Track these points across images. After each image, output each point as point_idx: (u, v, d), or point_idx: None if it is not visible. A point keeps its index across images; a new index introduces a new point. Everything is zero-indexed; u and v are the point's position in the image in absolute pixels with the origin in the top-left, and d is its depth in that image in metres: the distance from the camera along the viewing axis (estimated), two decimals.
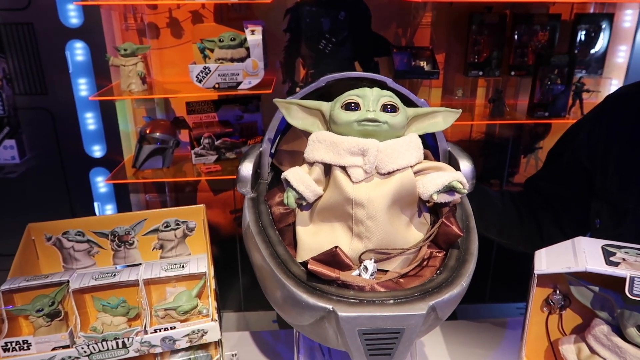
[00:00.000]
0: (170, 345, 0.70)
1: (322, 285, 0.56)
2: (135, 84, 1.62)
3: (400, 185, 0.59)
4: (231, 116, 1.80)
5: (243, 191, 0.75)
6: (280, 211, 0.71)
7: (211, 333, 0.71)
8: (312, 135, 0.63)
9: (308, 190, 0.61)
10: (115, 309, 0.70)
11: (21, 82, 1.70)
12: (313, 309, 0.54)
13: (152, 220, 0.83)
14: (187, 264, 0.73)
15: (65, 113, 1.75)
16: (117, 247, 0.83)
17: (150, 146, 1.70)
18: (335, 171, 0.60)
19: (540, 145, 2.02)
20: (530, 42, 1.82)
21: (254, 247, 0.65)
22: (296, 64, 1.84)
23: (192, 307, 0.71)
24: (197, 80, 1.59)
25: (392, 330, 0.53)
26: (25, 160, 1.74)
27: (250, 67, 1.60)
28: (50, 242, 0.81)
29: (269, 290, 0.63)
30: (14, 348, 0.66)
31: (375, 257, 0.60)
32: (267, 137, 0.78)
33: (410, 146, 0.61)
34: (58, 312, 0.70)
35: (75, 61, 1.73)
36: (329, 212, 0.61)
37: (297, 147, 0.82)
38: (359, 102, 0.60)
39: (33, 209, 1.80)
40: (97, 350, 0.67)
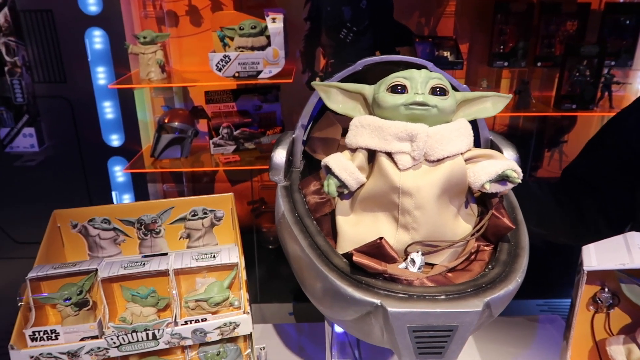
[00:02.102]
0: (201, 338, 0.67)
1: (367, 278, 0.53)
2: (154, 72, 1.60)
3: (451, 173, 0.56)
4: (250, 106, 1.77)
5: (276, 179, 0.72)
6: (315, 200, 0.68)
7: (243, 326, 0.68)
8: (355, 120, 0.60)
9: (351, 178, 0.57)
10: (145, 299, 0.67)
11: (40, 70, 1.69)
12: (359, 303, 0.51)
13: (179, 208, 0.80)
14: (218, 254, 0.70)
15: (84, 102, 1.73)
16: (144, 236, 0.80)
17: (168, 135, 1.67)
18: (380, 158, 0.57)
19: (565, 139, 1.97)
20: (558, 32, 1.77)
21: (290, 238, 0.62)
22: (316, 54, 1.80)
23: (224, 298, 0.69)
24: (217, 69, 1.56)
25: (445, 328, 0.50)
26: (44, 148, 1.73)
27: (271, 55, 1.56)
28: (76, 230, 0.79)
29: (308, 283, 0.60)
30: (42, 337, 0.64)
31: (422, 250, 0.56)
32: (301, 124, 0.75)
33: (460, 132, 0.57)
34: (86, 302, 0.68)
35: (94, 49, 1.71)
36: (373, 201, 0.58)
37: (330, 134, 0.79)
38: (406, 84, 0.57)
39: (51, 198, 1.79)
40: (127, 342, 0.64)
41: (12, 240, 1.80)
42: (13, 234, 1.81)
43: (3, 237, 1.79)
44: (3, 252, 1.82)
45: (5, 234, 1.79)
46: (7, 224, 1.80)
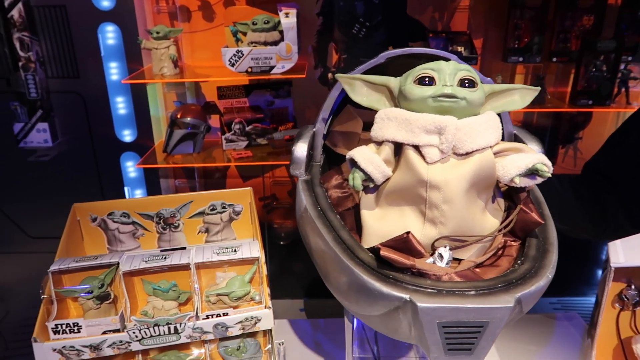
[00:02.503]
0: (223, 332, 0.67)
1: (395, 273, 0.52)
2: (167, 68, 1.60)
3: (480, 167, 0.54)
4: (262, 101, 1.76)
5: (296, 173, 0.71)
6: (337, 194, 0.67)
7: (264, 321, 0.68)
8: (380, 112, 0.59)
9: (377, 171, 0.56)
10: (166, 293, 0.67)
11: (54, 65, 1.69)
12: (387, 298, 0.50)
13: (198, 202, 0.80)
14: (239, 248, 0.70)
15: (97, 97, 1.73)
16: (162, 230, 0.80)
17: (181, 131, 1.67)
18: (407, 151, 0.56)
19: (580, 135, 1.94)
20: (574, 27, 1.74)
21: (313, 232, 0.62)
22: (329, 49, 1.79)
23: (245, 293, 0.68)
24: (230, 64, 1.56)
25: (475, 324, 0.49)
26: (58, 143, 1.73)
27: (284, 50, 1.55)
28: (95, 223, 0.78)
29: (332, 278, 0.59)
30: (64, 330, 0.64)
31: (450, 245, 0.56)
32: (321, 117, 0.74)
33: (489, 125, 0.56)
34: (107, 295, 0.68)
35: (106, 45, 1.71)
36: (399, 195, 0.57)
37: (351, 128, 0.78)
38: (433, 76, 0.56)
39: (64, 193, 1.80)
40: (149, 336, 0.64)
41: (26, 234, 1.81)
42: (26, 228, 1.82)
43: (17, 232, 1.80)
44: (17, 247, 1.83)
45: (19, 228, 1.80)
46: (20, 219, 1.81)
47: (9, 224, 1.79)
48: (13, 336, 1.70)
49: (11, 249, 1.84)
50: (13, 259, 1.83)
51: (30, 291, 1.93)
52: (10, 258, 1.83)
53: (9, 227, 1.80)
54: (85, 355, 0.64)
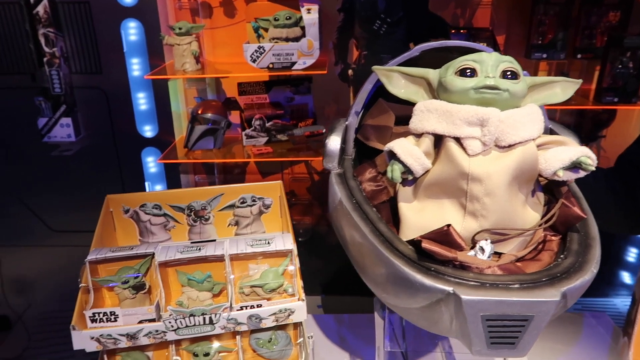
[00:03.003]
0: (256, 324, 0.67)
1: (437, 265, 0.52)
2: (189, 63, 1.60)
3: (522, 159, 0.54)
4: (282, 98, 1.77)
5: (329, 166, 0.71)
6: (372, 188, 0.67)
7: (298, 313, 0.68)
8: (420, 105, 0.59)
9: (417, 164, 0.56)
10: (201, 284, 0.68)
11: (77, 60, 1.71)
12: (429, 291, 0.50)
13: (228, 195, 0.80)
14: (272, 241, 0.70)
15: (119, 92, 1.75)
16: (193, 222, 0.80)
17: (201, 127, 1.68)
18: (448, 143, 0.55)
19: (604, 133, 1.91)
20: (599, 23, 1.71)
21: (349, 225, 0.62)
22: (349, 45, 1.79)
23: (279, 285, 0.68)
24: (251, 60, 1.56)
25: (520, 318, 0.48)
26: (80, 138, 1.75)
27: (306, 46, 1.55)
28: (128, 215, 0.79)
29: (370, 271, 0.59)
30: (101, 319, 0.64)
31: (491, 238, 0.55)
32: (354, 111, 0.74)
33: (532, 117, 0.55)
34: (143, 285, 0.68)
35: (129, 41, 1.72)
36: (439, 187, 0.57)
37: (383, 122, 0.78)
38: (475, 67, 0.55)
39: (86, 187, 1.82)
40: (184, 326, 0.65)
41: (49, 228, 1.83)
42: (49, 222, 1.85)
43: (40, 225, 1.83)
44: (39, 240, 1.86)
45: (41, 222, 1.83)
46: (43, 213, 1.84)
47: (32, 217, 1.82)
48: (35, 328, 1.73)
49: (34, 242, 1.86)
50: (36, 252, 1.86)
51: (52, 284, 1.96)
52: (32, 251, 1.86)
53: (32, 220, 1.83)
54: (121, 344, 0.64)
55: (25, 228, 1.82)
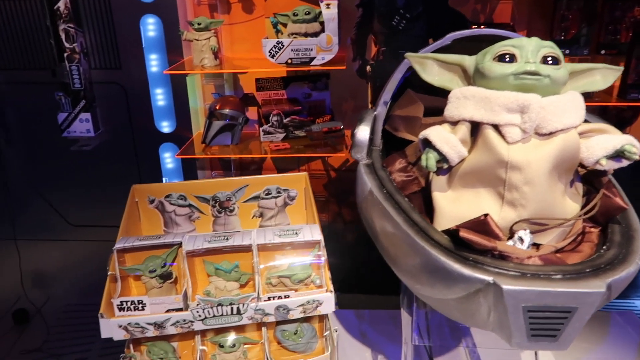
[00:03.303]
0: (284, 315, 0.66)
1: (475, 255, 0.50)
2: (207, 59, 1.60)
3: (564, 147, 0.52)
4: (299, 94, 1.76)
5: (358, 157, 0.70)
6: (402, 178, 0.65)
7: (326, 304, 0.67)
8: (456, 91, 0.57)
9: (453, 152, 0.55)
10: (228, 274, 0.67)
11: (97, 56, 1.72)
12: (467, 281, 0.49)
13: (253, 186, 0.79)
14: (300, 231, 0.69)
15: (138, 88, 1.76)
16: (218, 214, 0.80)
17: (219, 122, 1.68)
18: (486, 130, 0.54)
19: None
20: (624, 18, 1.68)
21: (380, 215, 0.60)
22: (368, 41, 1.77)
23: (307, 276, 0.67)
24: (270, 56, 1.55)
25: (563, 309, 0.47)
26: (99, 133, 1.76)
27: (324, 42, 1.54)
28: (153, 205, 0.79)
29: (403, 261, 0.58)
30: (129, 308, 0.64)
31: (529, 228, 0.53)
32: (383, 101, 0.73)
33: (574, 104, 0.54)
34: (170, 274, 0.68)
35: (147, 37, 1.73)
36: (475, 176, 0.56)
37: (412, 113, 0.76)
38: (515, 53, 0.54)
39: (104, 183, 1.84)
40: (212, 315, 0.64)
41: (67, 222, 1.85)
42: (67, 216, 1.86)
43: (59, 220, 1.84)
44: (58, 234, 1.87)
45: (60, 216, 1.84)
46: (62, 207, 1.85)
47: (51, 211, 1.84)
48: (54, 321, 1.74)
49: (52, 236, 1.88)
50: (54, 246, 1.87)
51: (70, 278, 1.97)
52: (51, 245, 1.87)
53: (51, 214, 1.84)
54: (149, 332, 0.64)
55: (44, 222, 1.84)
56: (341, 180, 1.89)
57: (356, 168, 0.72)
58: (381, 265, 0.65)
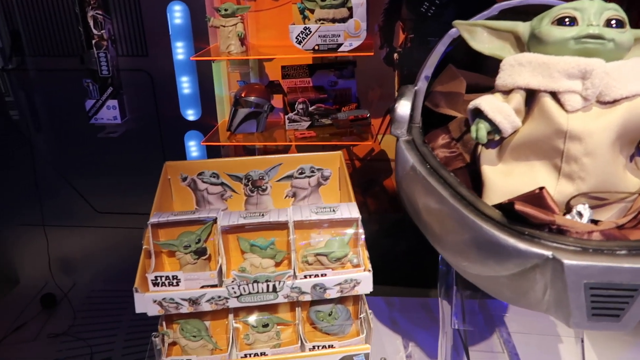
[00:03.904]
0: (320, 294, 0.64)
1: (531, 229, 0.47)
2: (234, 45, 1.59)
3: (628, 116, 0.49)
4: (325, 82, 1.73)
5: (398, 133, 0.67)
6: (445, 154, 0.63)
7: (364, 284, 0.64)
8: (509, 59, 0.54)
9: (506, 121, 0.52)
10: (264, 251, 0.65)
11: (124, 43, 1.73)
12: (524, 256, 0.46)
13: (287, 165, 0.78)
14: (337, 209, 0.67)
15: (164, 75, 1.76)
16: (250, 193, 0.78)
17: (244, 110, 1.67)
18: (543, 98, 0.51)
19: None
20: None
21: (424, 191, 0.58)
22: (395, 28, 1.73)
23: (344, 254, 0.65)
24: (297, 42, 1.53)
25: (628, 287, 0.43)
26: (125, 120, 1.77)
27: (352, 27, 1.51)
28: (185, 183, 0.78)
29: (450, 238, 0.55)
30: (163, 283, 0.63)
31: (588, 203, 0.50)
32: (424, 75, 0.70)
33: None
34: (204, 250, 0.67)
35: (174, 24, 1.73)
36: (529, 148, 0.52)
37: (454, 88, 0.73)
38: (576, 15, 0.50)
39: (130, 170, 1.85)
40: (247, 293, 0.62)
41: (93, 209, 1.87)
42: (94, 203, 1.88)
43: (85, 207, 1.86)
44: (84, 221, 1.89)
45: (87, 203, 1.86)
46: (88, 194, 1.87)
47: (78, 198, 1.86)
48: (80, 306, 1.77)
49: (79, 222, 1.90)
50: (80, 233, 1.89)
51: (96, 264, 2.00)
52: (77, 232, 1.90)
53: (78, 201, 1.86)
54: (183, 309, 0.63)
55: (71, 209, 1.86)
56: (366, 170, 1.86)
57: (396, 145, 0.69)
58: (407, 257, 0.63)
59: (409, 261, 1.84)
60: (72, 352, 1.53)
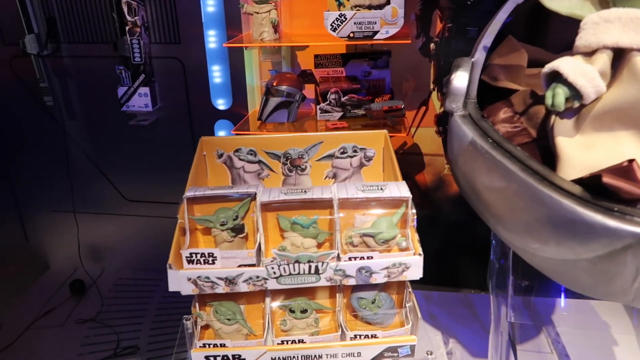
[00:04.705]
0: (366, 278, 0.59)
1: (620, 205, 0.41)
2: (267, 32, 1.56)
3: None
4: (359, 72, 1.68)
5: (453, 107, 0.61)
6: (507, 129, 0.57)
7: (413, 269, 0.59)
8: (592, 16, 0.48)
9: (590, 85, 0.46)
10: (306, 229, 0.61)
11: (157, 30, 1.72)
12: (613, 235, 0.40)
13: (328, 144, 0.73)
14: (385, 187, 0.62)
15: (195, 64, 1.74)
16: (289, 172, 0.74)
17: (276, 99, 1.63)
18: (635, 58, 0.45)
19: None
20: None
21: (486, 166, 0.52)
22: (433, 17, 1.67)
23: (393, 236, 0.60)
24: (332, 29, 1.48)
25: None
26: (157, 108, 1.76)
27: (389, 14, 1.46)
28: (221, 160, 0.74)
29: (517, 217, 0.49)
30: (198, 260, 0.59)
31: None
32: (482, 46, 0.64)
33: None
34: (242, 227, 0.63)
35: (207, 12, 1.71)
36: (615, 116, 0.46)
37: (514, 61, 0.67)
38: None
39: (160, 159, 1.84)
40: (287, 273, 0.58)
41: (123, 197, 1.86)
42: (123, 191, 1.88)
43: (115, 195, 1.86)
44: (113, 209, 1.89)
45: (116, 190, 1.86)
46: (118, 181, 1.87)
47: (108, 186, 1.86)
48: (107, 294, 1.77)
49: (108, 210, 1.90)
50: (109, 221, 1.90)
51: (124, 252, 1.99)
52: (106, 219, 1.90)
53: (107, 189, 1.86)
54: (218, 288, 0.59)
55: (101, 196, 1.86)
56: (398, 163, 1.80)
57: (450, 122, 0.64)
58: (438, 255, 0.58)
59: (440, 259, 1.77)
60: (99, 339, 1.52)
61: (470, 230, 1.78)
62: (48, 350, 1.47)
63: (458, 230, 1.77)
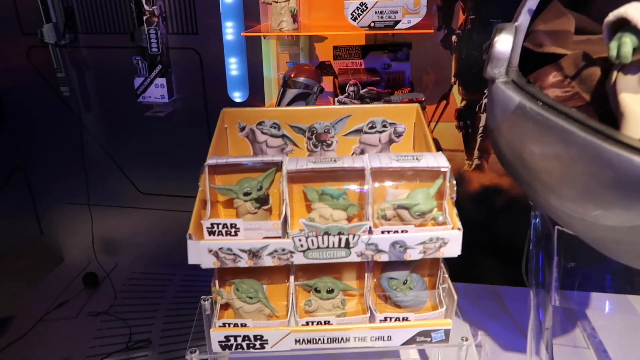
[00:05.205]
0: (399, 254, 0.55)
1: None
2: (286, 22, 1.54)
3: None
4: (378, 64, 1.65)
5: (494, 72, 0.57)
6: (556, 94, 0.52)
7: (452, 245, 0.54)
8: None
9: None
10: (336, 200, 0.56)
11: (174, 20, 1.70)
12: None
13: (356, 117, 0.69)
14: (421, 157, 0.57)
15: (212, 55, 1.72)
16: (314, 147, 0.70)
17: (293, 91, 1.60)
18: None
19: None
20: None
21: (538, 130, 0.48)
22: (455, 9, 1.64)
23: (430, 208, 0.55)
24: (352, 18, 1.45)
25: None
26: (173, 100, 1.74)
27: (412, 3, 1.42)
28: (243, 133, 0.71)
29: (578, 181, 0.45)
30: (220, 232, 0.55)
31: None
32: (527, 9, 0.60)
33: None
34: (267, 198, 0.59)
35: (224, 3, 1.69)
36: None
37: (560, 26, 0.62)
38: None
39: (175, 151, 1.81)
40: (316, 247, 0.54)
41: (137, 190, 1.84)
42: (138, 184, 1.86)
43: (130, 187, 1.84)
44: (128, 202, 1.87)
45: (131, 183, 1.84)
46: (133, 174, 1.85)
47: (123, 178, 1.84)
48: (121, 287, 1.74)
49: (122, 203, 1.88)
50: (123, 214, 1.88)
51: (137, 246, 1.96)
52: (120, 212, 1.88)
53: (122, 181, 1.84)
54: (241, 262, 0.55)
55: (116, 189, 1.84)
56: None
57: (491, 89, 0.59)
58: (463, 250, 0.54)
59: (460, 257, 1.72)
60: (111, 332, 1.49)
61: (491, 228, 1.72)
62: (61, 342, 1.44)
63: (478, 228, 1.71)
